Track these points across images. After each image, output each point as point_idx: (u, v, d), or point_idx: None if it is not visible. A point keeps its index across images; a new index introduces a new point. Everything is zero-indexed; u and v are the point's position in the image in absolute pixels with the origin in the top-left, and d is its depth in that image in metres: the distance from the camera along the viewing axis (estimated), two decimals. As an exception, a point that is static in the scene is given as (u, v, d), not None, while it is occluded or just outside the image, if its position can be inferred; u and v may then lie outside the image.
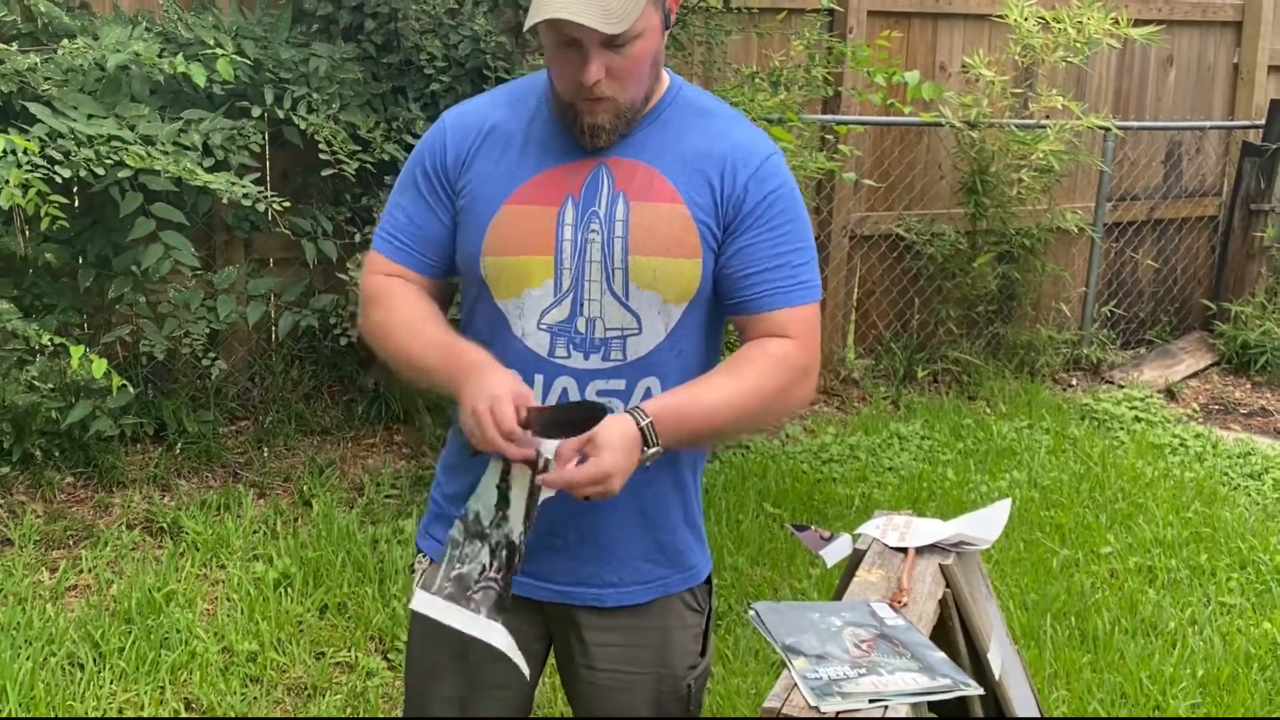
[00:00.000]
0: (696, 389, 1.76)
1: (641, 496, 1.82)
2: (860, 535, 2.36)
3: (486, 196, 1.79)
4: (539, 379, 1.79)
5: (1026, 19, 5.52)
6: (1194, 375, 6.26)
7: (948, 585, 2.25)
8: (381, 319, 1.85)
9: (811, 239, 1.85)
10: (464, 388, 1.70)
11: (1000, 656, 2.36)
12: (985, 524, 2.35)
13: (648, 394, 1.80)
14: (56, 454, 4.05)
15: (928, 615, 2.10)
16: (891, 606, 2.03)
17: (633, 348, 1.78)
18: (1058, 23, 5.50)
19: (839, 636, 1.89)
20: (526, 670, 1.81)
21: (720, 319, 1.89)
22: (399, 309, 1.83)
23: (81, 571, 3.59)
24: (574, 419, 1.69)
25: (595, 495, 1.66)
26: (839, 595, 2.19)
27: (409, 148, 4.28)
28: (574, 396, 1.78)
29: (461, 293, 1.92)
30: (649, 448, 1.68)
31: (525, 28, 1.73)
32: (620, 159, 1.78)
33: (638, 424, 1.68)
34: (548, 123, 1.81)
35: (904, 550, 2.27)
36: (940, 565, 2.25)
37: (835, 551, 2.37)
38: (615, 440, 1.65)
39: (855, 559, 2.32)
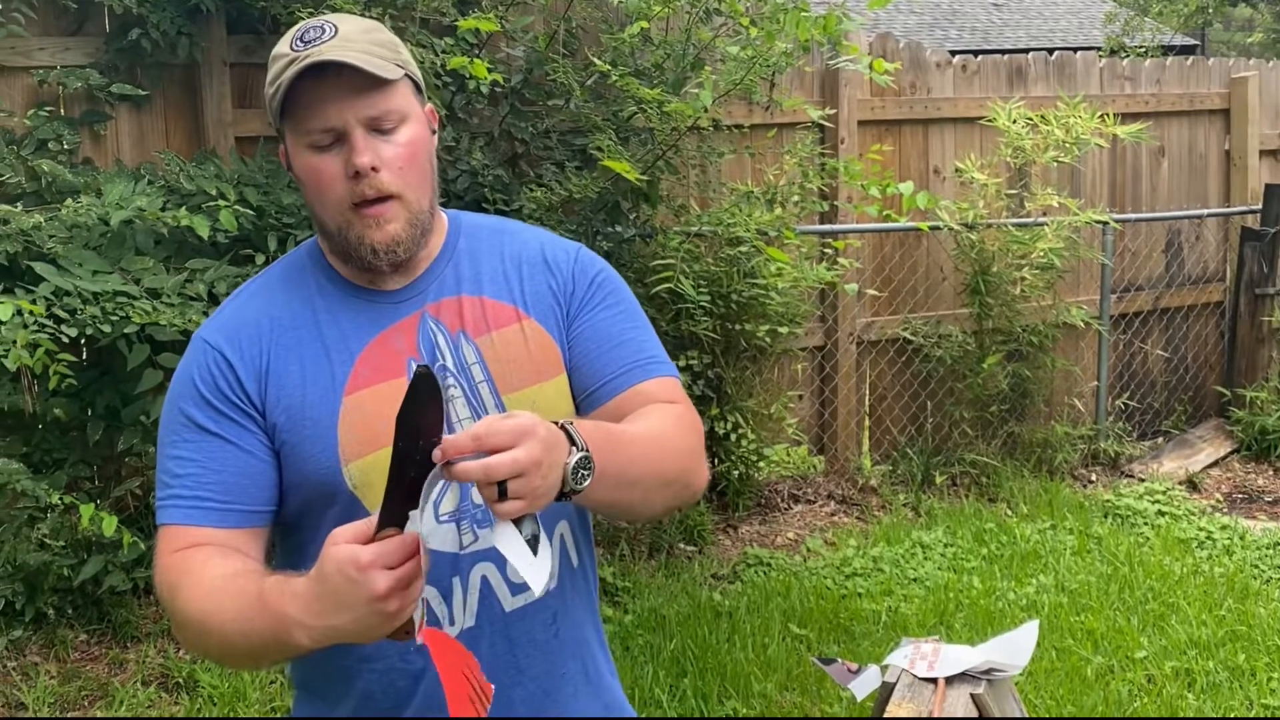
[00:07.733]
0: (614, 425, 1.49)
1: (580, 651, 1.62)
2: (889, 666, 2.31)
3: (315, 400, 1.49)
4: (456, 582, 1.49)
5: (1015, 122, 5.59)
6: (1214, 464, 6.19)
7: (980, 714, 2.18)
8: (183, 606, 1.42)
9: (647, 321, 1.67)
10: (311, 605, 1.28)
11: (1042, 786, 2.28)
12: (1014, 648, 2.30)
13: (562, 543, 1.57)
14: (70, 611, 4.01)
15: (963, 750, 2.04)
16: (925, 744, 1.96)
17: None
18: (1045, 124, 5.56)
19: (873, 782, 1.83)
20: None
21: None
22: (201, 581, 1.41)
23: (95, 734, 3.53)
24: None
25: (513, 504, 1.25)
26: (870, 732, 2.13)
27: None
28: (494, 581, 1.50)
29: (298, 531, 1.54)
30: (575, 451, 1.32)
31: (274, 118, 1.50)
32: (438, 302, 1.56)
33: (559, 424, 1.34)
34: (337, 295, 1.55)
35: (934, 680, 2.21)
36: (971, 695, 2.19)
37: (864, 685, 2.31)
38: (532, 425, 1.26)
39: (886, 691, 2.26)
